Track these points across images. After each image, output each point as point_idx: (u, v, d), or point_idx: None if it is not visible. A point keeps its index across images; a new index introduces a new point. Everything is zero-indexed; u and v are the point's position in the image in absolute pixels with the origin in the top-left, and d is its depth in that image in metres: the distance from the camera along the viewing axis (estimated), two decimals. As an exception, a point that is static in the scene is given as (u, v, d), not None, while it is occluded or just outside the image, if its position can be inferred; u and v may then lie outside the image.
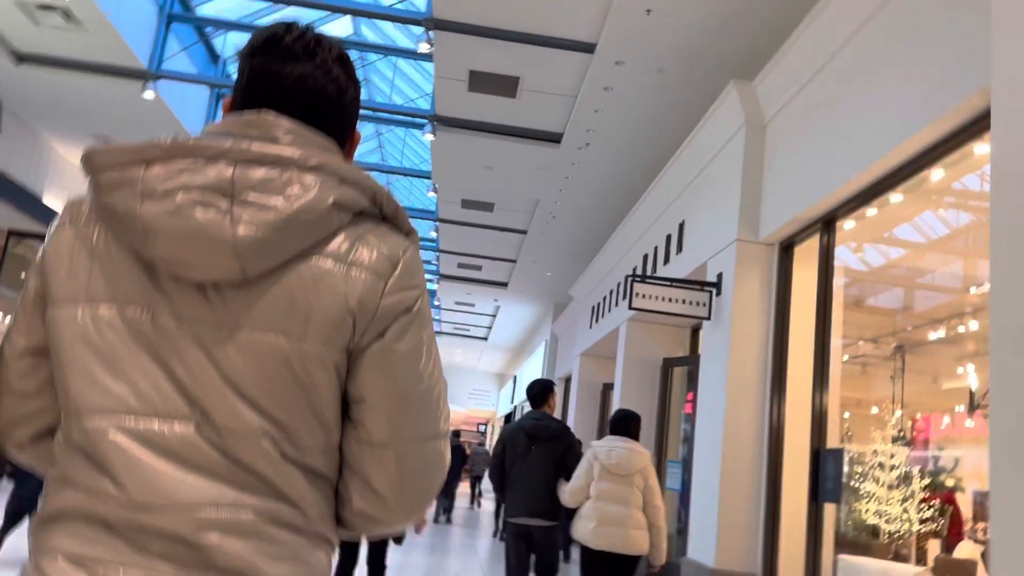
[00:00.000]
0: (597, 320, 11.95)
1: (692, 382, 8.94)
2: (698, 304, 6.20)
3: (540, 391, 5.33)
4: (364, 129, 15.13)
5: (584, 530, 5.01)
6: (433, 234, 13.76)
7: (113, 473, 0.96)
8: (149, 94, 8.95)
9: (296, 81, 1.08)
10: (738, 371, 5.87)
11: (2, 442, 1.10)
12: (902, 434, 6.48)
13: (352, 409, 1.04)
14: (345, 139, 1.16)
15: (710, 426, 6.12)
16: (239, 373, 0.97)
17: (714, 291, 6.27)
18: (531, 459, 5.22)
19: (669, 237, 8.10)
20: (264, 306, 0.98)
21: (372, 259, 1.02)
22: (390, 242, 1.05)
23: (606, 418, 12.90)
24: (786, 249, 6.01)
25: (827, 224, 5.44)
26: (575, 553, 10.74)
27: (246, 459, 0.97)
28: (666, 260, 8.13)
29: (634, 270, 9.56)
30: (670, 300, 6.21)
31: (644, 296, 6.20)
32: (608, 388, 12.88)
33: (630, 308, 6.20)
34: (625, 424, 5.23)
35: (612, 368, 13.38)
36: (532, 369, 20.74)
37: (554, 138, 9.02)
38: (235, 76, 1.15)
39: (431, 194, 11.66)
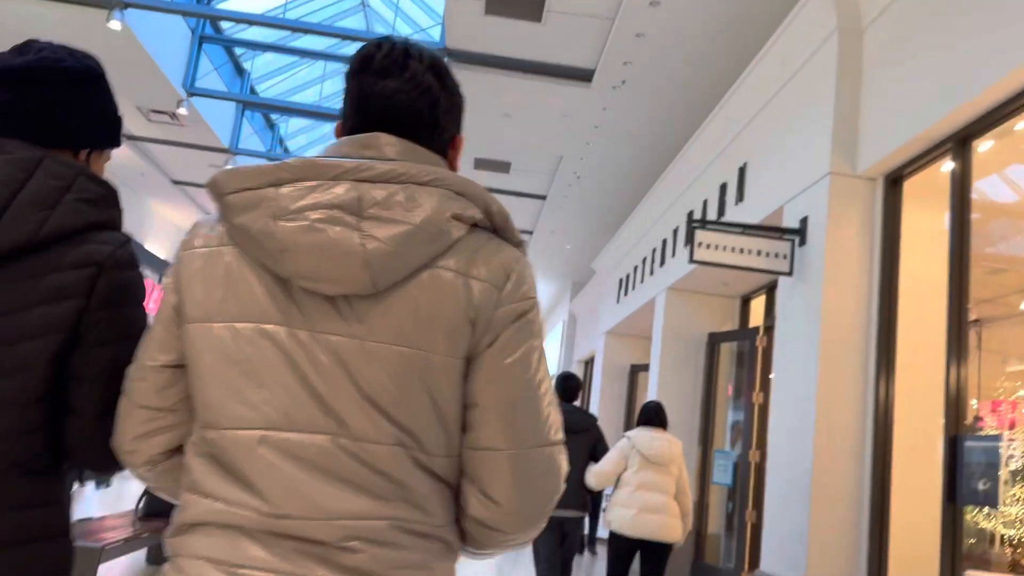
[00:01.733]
0: (626, 293, 10.67)
1: (746, 361, 7.67)
2: (777, 256, 4.92)
3: (575, 386, 5.42)
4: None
5: (623, 519, 4.96)
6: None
7: (254, 484, 0.99)
8: (115, 24, 7.70)
9: (388, 98, 1.12)
10: (833, 341, 4.59)
11: (131, 459, 1.11)
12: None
13: (466, 415, 1.06)
14: (447, 146, 1.18)
15: (794, 410, 4.85)
16: (372, 383, 1.00)
17: (796, 240, 4.98)
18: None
19: (724, 187, 6.80)
20: (392, 317, 1.00)
21: (488, 270, 1.05)
22: (504, 254, 1.07)
23: (635, 403, 11.64)
24: (893, 183, 4.71)
25: (960, 144, 4.14)
26: (600, 548, 9.76)
27: (381, 467, 0.99)
28: (720, 214, 6.84)
29: (675, 232, 8.27)
30: (741, 251, 4.94)
31: (708, 246, 4.93)
32: (638, 370, 11.60)
33: (691, 262, 4.93)
34: (660, 415, 5.27)
35: (642, 348, 12.10)
36: (549, 352, 19.45)
37: (584, 75, 7.72)
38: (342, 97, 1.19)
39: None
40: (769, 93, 5.86)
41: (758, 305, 8.21)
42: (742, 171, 6.32)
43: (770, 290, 7.67)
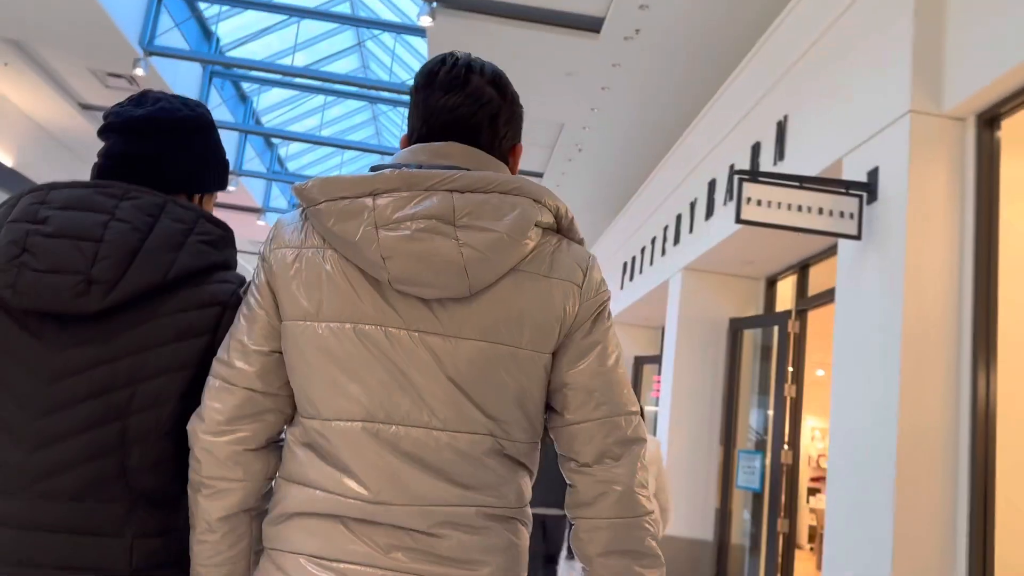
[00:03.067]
0: (631, 278, 9.74)
1: (774, 349, 6.75)
2: (843, 215, 3.99)
3: None
4: (362, 110, 14.77)
5: None
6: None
7: (355, 472, 1.09)
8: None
9: (452, 111, 1.20)
10: (918, 320, 3.67)
11: (221, 439, 1.14)
12: None
13: (556, 398, 1.19)
14: (507, 153, 1.26)
15: (863, 407, 3.92)
16: (466, 378, 1.10)
17: (863, 197, 4.05)
18: (546, 446, 4.18)
19: (757, 146, 5.86)
20: (483, 317, 1.10)
21: (568, 270, 1.16)
22: (577, 254, 1.19)
23: (640, 399, 10.73)
24: (988, 124, 3.78)
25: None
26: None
27: (472, 456, 1.10)
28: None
29: (692, 206, 7.34)
30: (799, 209, 4.00)
31: (759, 203, 3.99)
32: (643, 362, 10.69)
33: (737, 221, 3.99)
34: None
35: (648, 338, 11.19)
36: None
37: (592, 25, 6.76)
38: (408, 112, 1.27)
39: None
40: (820, 28, 4.91)
41: (786, 288, 7.29)
42: (781, 126, 5.38)
43: (802, 269, 6.75)
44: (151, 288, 1.17)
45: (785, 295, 7.32)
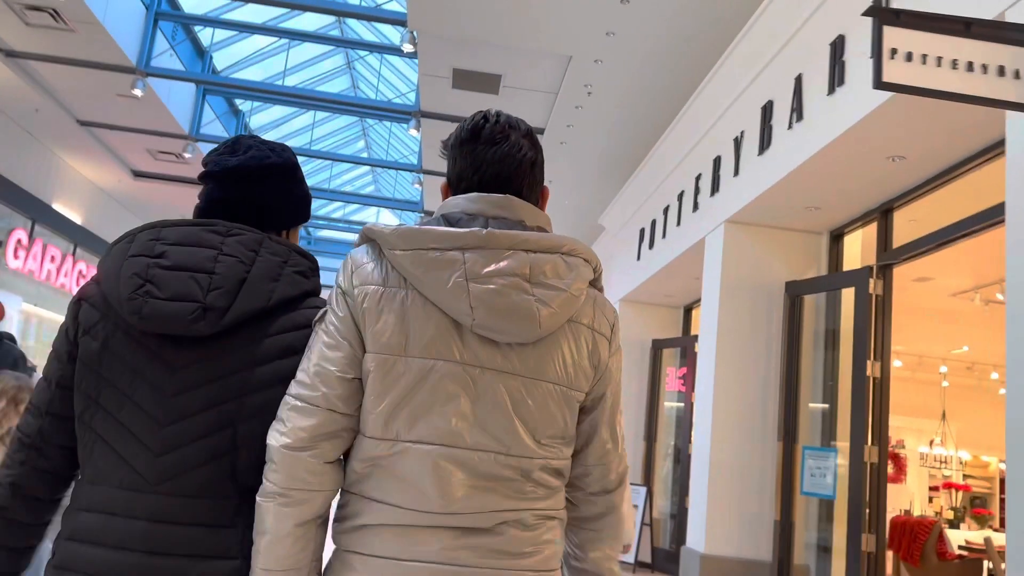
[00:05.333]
0: (651, 246, 8.28)
1: (850, 318, 5.30)
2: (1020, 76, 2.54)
3: None
4: (352, 126, 15.46)
5: None
6: (417, 187, 11.93)
7: (430, 489, 1.25)
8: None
9: (499, 162, 1.39)
10: None
11: (304, 454, 1.26)
12: None
13: (585, 420, 1.41)
14: (539, 196, 1.47)
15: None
16: (526, 411, 1.30)
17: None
18: None
19: (838, 44, 4.39)
20: (543, 360, 1.31)
21: (605, 323, 1.39)
22: (608, 310, 1.41)
23: (659, 389, 9.28)
24: None
25: None
26: None
27: (530, 476, 1.30)
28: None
29: (737, 142, 5.88)
30: (969, 68, 2.56)
31: (908, 58, 2.54)
32: (662, 347, 9.23)
33: (877, 86, 2.53)
34: None
35: (667, 319, 9.69)
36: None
37: None
38: (448, 163, 1.46)
39: (416, 186, 11.78)
40: None
41: (854, 243, 5.86)
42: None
43: (883, 214, 5.30)
44: (255, 313, 1.35)
45: (853, 252, 5.89)
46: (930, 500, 10.56)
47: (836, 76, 4.41)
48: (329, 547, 1.34)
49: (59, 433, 1.36)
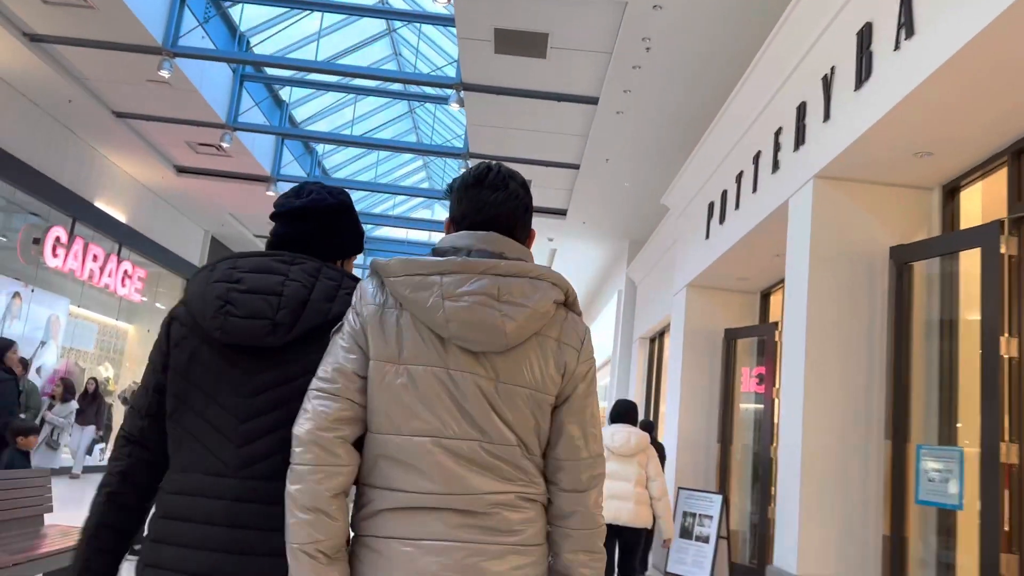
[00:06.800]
0: (722, 220, 7.33)
1: (980, 291, 4.29)
2: None
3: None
4: (399, 106, 15.25)
5: None
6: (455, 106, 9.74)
7: (428, 475, 1.50)
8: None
9: (499, 206, 1.66)
10: None
11: (329, 434, 1.50)
12: None
13: (552, 435, 1.63)
14: (527, 238, 1.74)
15: None
16: (502, 408, 1.54)
17: None
18: None
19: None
20: (515, 366, 1.55)
21: (572, 338, 1.62)
22: (578, 327, 1.64)
23: (734, 383, 8.29)
24: None
25: None
26: None
27: (510, 461, 1.54)
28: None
29: (827, 81, 4.92)
30: None
31: None
32: (736, 337, 8.23)
33: None
34: (628, 414, 5.93)
35: (742, 306, 8.65)
36: (601, 329, 16.14)
37: None
38: (450, 204, 1.74)
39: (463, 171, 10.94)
40: None
41: (972, 199, 4.83)
42: None
43: (1015, 155, 4.28)
44: (316, 328, 1.62)
45: (972, 210, 4.87)
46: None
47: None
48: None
49: (156, 430, 1.65)
